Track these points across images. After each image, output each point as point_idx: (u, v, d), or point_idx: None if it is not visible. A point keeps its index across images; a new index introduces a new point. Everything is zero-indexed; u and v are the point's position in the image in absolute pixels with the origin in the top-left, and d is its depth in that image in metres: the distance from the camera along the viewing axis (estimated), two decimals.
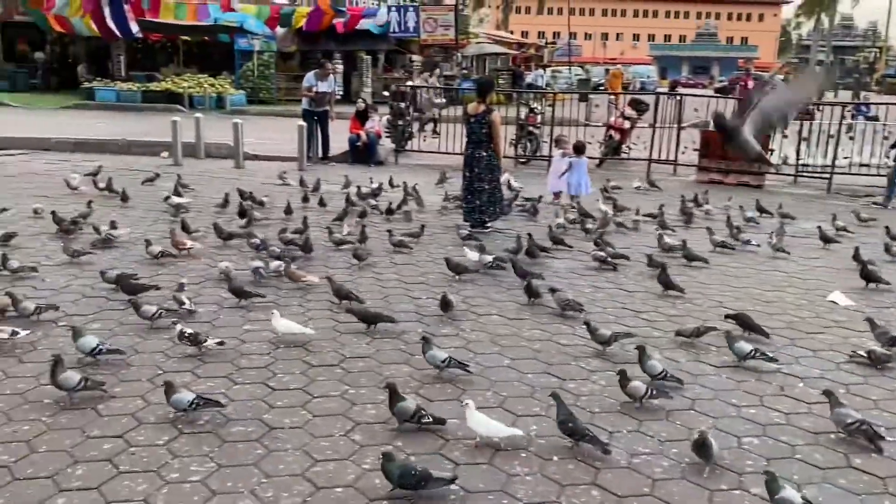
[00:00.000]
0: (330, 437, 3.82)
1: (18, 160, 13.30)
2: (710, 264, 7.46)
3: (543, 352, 5.10)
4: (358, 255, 7.04)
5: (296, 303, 5.89)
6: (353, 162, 14.13)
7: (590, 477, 3.54)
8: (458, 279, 6.66)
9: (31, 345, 4.82)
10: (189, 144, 13.75)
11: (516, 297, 6.24)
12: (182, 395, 3.89)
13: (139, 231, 7.90)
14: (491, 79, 12.06)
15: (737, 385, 4.65)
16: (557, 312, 5.86)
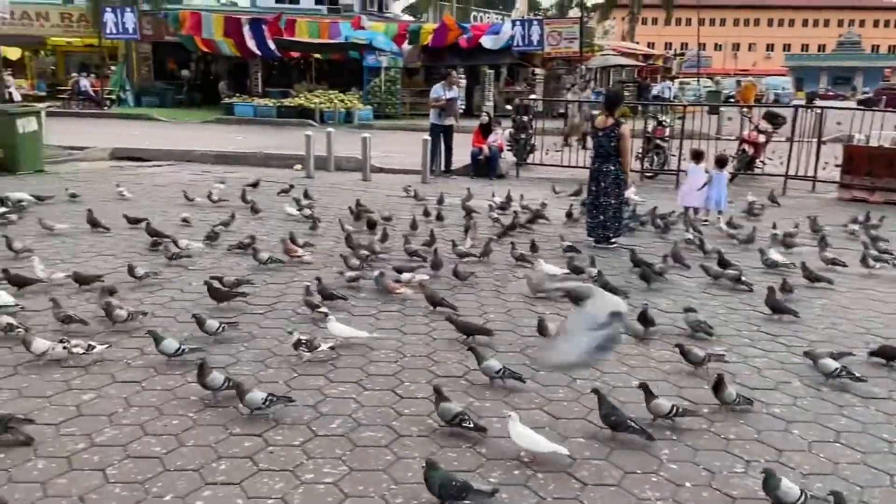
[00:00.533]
0: (457, 448, 3.85)
1: (166, 171, 14.30)
2: (836, 286, 7.00)
3: (674, 374, 4.93)
4: (458, 273, 6.91)
5: (421, 315, 5.99)
6: (474, 175, 14.25)
7: None
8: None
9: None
10: (320, 157, 14.32)
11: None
12: (254, 394, 4.04)
13: (274, 240, 8.29)
14: (619, 92, 11.85)
15: (888, 419, 4.32)
16: (688, 333, 5.66)
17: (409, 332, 5.54)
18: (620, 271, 7.43)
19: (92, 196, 10.72)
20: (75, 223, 8.72)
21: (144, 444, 3.78)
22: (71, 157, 15.16)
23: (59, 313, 5.29)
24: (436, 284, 6.62)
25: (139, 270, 6.51)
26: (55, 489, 3.37)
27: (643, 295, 6.56)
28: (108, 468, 3.54)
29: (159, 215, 9.48)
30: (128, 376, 4.61)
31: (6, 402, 4.19)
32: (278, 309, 5.99)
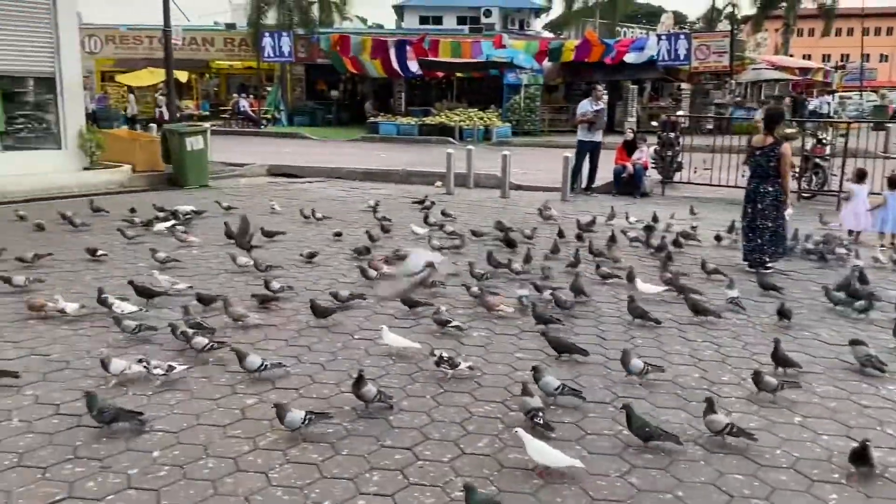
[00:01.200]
0: (606, 476, 3.76)
1: (317, 186, 15.02)
2: None
3: (841, 412, 4.58)
4: (574, 288, 6.85)
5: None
6: (616, 193, 13.97)
7: None
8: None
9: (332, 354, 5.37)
10: (460, 174, 14.54)
11: (806, 346, 5.70)
12: (294, 414, 4.06)
13: None
14: (780, 109, 11.30)
15: None
16: (856, 368, 5.24)
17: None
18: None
19: (246, 209, 11.44)
20: (219, 236, 9.26)
21: (302, 450, 3.95)
22: (232, 173, 16.26)
23: (189, 320, 5.67)
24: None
25: (274, 284, 6.81)
26: (224, 488, 3.59)
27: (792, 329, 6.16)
28: (270, 471, 3.73)
29: (311, 231, 9.97)
30: (285, 383, 4.85)
31: (181, 402, 4.52)
32: (423, 324, 6.10)
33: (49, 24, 13.17)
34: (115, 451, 3.89)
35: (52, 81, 13.41)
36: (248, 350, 5.03)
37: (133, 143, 15.05)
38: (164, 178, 14.39)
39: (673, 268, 7.77)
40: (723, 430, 4.07)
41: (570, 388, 4.62)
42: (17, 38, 12.90)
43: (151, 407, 4.43)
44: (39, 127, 13.64)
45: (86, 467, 3.73)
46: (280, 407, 4.09)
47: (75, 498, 3.47)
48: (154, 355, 5.08)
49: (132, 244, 8.86)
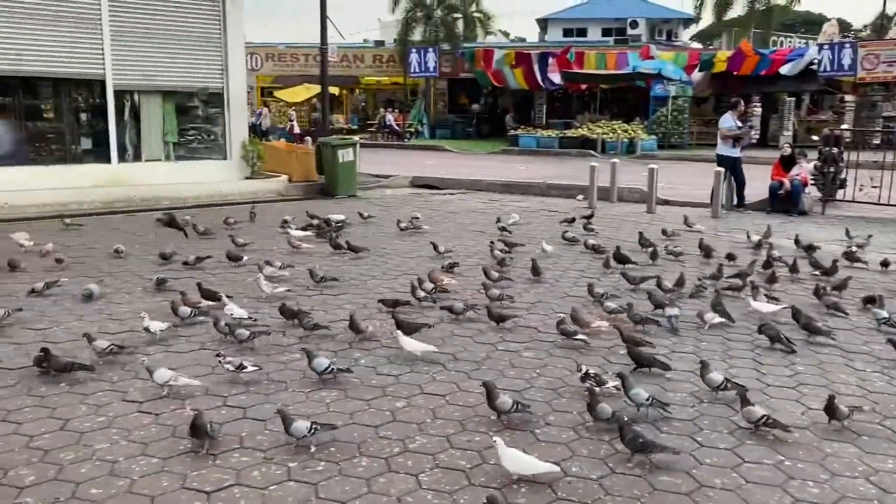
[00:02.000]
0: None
1: (458, 198, 15.26)
2: None
3: None
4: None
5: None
6: (771, 211, 13.22)
7: None
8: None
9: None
10: (603, 188, 14.29)
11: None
12: (299, 423, 4.04)
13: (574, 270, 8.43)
14: None
15: None
16: None
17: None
18: None
19: (386, 219, 11.82)
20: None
21: (451, 455, 4.02)
22: (378, 184, 16.86)
23: (308, 322, 5.93)
24: None
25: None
26: (377, 486, 3.71)
27: None
28: (420, 474, 3.82)
29: (453, 240, 10.14)
30: (433, 388, 4.95)
31: (336, 401, 4.73)
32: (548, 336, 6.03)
33: (219, 44, 14.28)
34: (276, 444, 4.12)
35: (220, 97, 14.52)
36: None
37: (290, 154, 15.96)
38: (317, 188, 15.15)
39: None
40: (758, 420, 4.27)
41: (658, 400, 4.54)
42: (191, 58, 14.08)
43: (308, 404, 4.67)
44: (208, 139, 14.80)
45: (251, 457, 3.98)
46: (284, 415, 4.11)
47: (242, 485, 3.70)
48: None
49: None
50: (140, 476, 3.76)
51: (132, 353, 5.44)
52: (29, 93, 12.95)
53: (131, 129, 13.80)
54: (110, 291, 7.24)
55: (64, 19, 12.60)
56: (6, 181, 12.01)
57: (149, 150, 14.03)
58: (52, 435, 4.22)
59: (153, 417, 4.46)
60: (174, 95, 14.20)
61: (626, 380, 4.61)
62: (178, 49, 13.86)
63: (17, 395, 4.79)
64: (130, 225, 11.30)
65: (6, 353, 5.51)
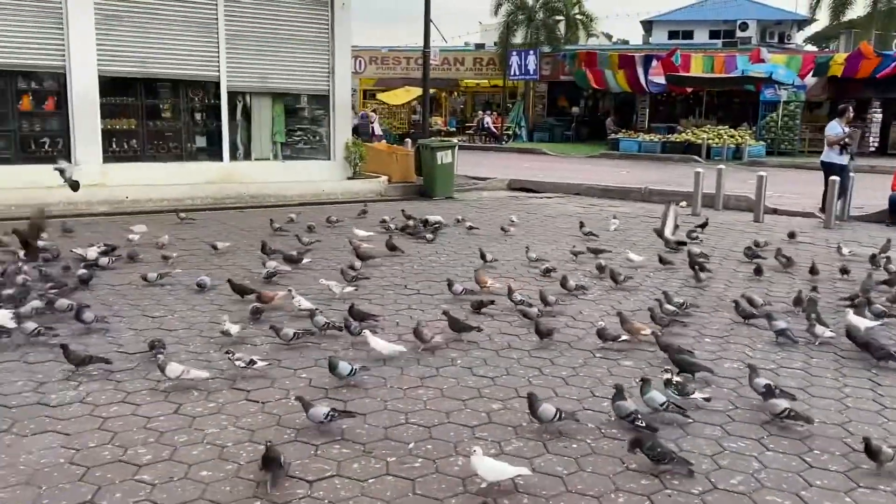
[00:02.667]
0: None
1: (555, 202, 15.13)
2: None
3: None
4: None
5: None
6: (891, 223, 12.46)
7: None
8: None
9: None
10: (708, 195, 13.85)
11: None
12: (317, 408, 4.27)
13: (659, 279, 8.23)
14: None
15: None
16: None
17: (817, 395, 5.02)
18: None
19: (483, 222, 11.84)
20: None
21: (548, 461, 4.00)
22: (475, 187, 16.94)
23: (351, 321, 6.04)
24: None
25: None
26: (472, 486, 3.73)
27: None
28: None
29: (549, 244, 10.07)
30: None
31: (433, 400, 4.79)
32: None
33: (327, 48, 14.72)
34: (375, 438, 4.22)
35: (326, 99, 14.97)
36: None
37: (391, 156, 16.28)
38: (415, 189, 15.38)
39: None
40: (781, 413, 4.40)
41: (675, 404, 4.48)
42: (300, 61, 14.59)
43: (406, 401, 4.75)
44: (314, 140, 15.28)
45: (351, 450, 4.09)
46: (303, 401, 4.35)
47: (342, 476, 3.81)
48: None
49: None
50: (247, 461, 3.93)
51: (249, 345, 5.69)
52: (150, 93, 13.73)
53: (242, 129, 14.43)
54: (218, 283, 7.57)
55: (184, 24, 13.32)
56: (128, 177, 12.82)
57: (258, 149, 14.64)
58: (167, 417, 4.48)
59: (259, 406, 4.65)
60: (283, 97, 14.75)
61: (646, 383, 4.54)
62: (287, 53, 14.39)
63: (136, 377, 5.10)
64: (240, 220, 11.81)
65: (126, 339, 5.88)
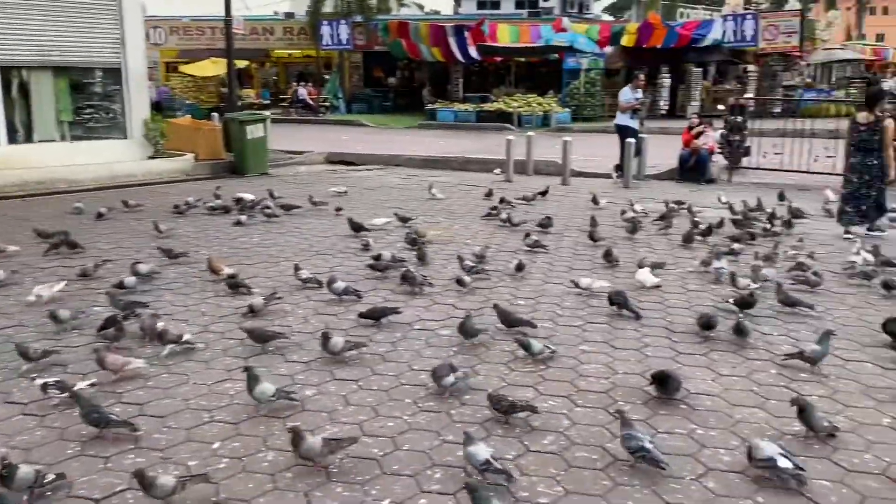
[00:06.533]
0: (680, 479, 3.57)
1: (376, 174, 15.00)
2: None
3: None
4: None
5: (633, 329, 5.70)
6: (680, 179, 13.55)
7: None
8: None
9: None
10: (519, 162, 14.31)
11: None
12: (264, 386, 4.19)
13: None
14: (881, 88, 11.65)
15: None
16: None
17: (620, 347, 5.28)
18: None
19: (299, 196, 11.48)
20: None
21: (363, 444, 3.87)
22: (291, 161, 16.39)
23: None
24: None
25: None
26: (283, 482, 3.53)
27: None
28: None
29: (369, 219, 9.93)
30: (345, 374, 4.78)
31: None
32: (484, 314, 5.95)
33: (115, 15, 13.44)
34: (176, 442, 3.88)
35: (118, 72, 13.70)
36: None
37: (196, 132, 15.28)
38: (226, 167, 14.58)
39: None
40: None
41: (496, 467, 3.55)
42: (83, 31, 13.20)
43: (211, 398, 4.42)
44: (106, 117, 13.94)
45: (147, 458, 3.72)
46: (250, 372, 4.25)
47: (136, 489, 3.45)
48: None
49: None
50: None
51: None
52: None
53: (21, 109, 12.86)
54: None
55: None
56: None
57: (42, 130, 13.12)
58: None
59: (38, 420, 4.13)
60: (68, 71, 13.30)
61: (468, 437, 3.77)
62: (68, 22, 12.95)
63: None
64: (25, 210, 10.59)
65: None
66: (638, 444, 3.61)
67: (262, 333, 5.22)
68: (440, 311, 6.04)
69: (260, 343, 5.18)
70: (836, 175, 12.30)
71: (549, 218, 9.31)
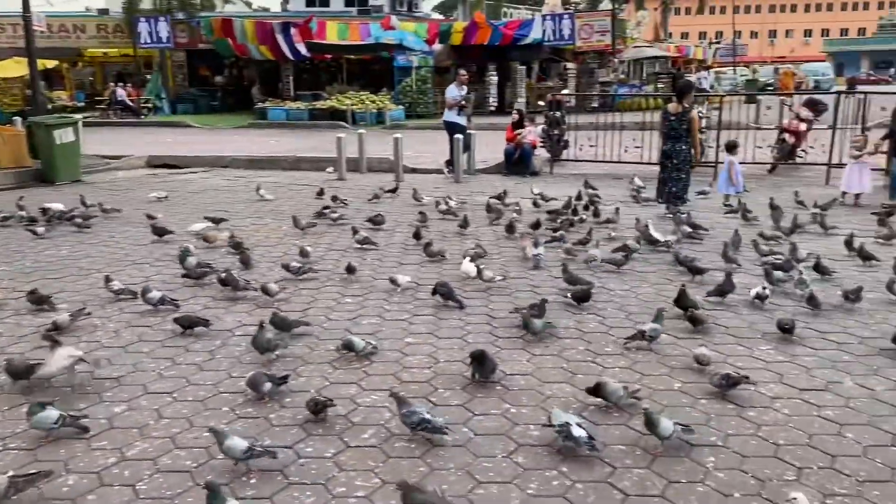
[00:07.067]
0: (492, 458, 3.73)
1: (200, 177, 14.40)
2: None
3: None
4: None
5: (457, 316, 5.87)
6: (508, 173, 14.10)
7: None
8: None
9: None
10: (352, 159, 14.29)
11: None
12: (47, 413, 3.86)
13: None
14: (689, 82, 12.55)
15: None
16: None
17: (444, 337, 5.43)
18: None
19: (124, 202, 10.84)
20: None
21: (175, 457, 3.72)
22: (107, 167, 15.37)
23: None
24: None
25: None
26: None
27: None
28: (138, 483, 3.49)
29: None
30: (157, 387, 4.58)
31: None
32: (310, 315, 5.92)
33: None
34: None
35: None
36: None
37: None
38: (31, 175, 13.42)
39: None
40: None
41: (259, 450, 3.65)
42: None
43: None
44: None
45: None
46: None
47: None
48: None
49: None
50: None
51: None
52: None
53: None
54: None
55: None
56: None
57: None
58: None
59: None
60: None
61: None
62: None
63: None
64: None
65: None
66: (419, 418, 3.79)
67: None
68: (262, 316, 5.91)
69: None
70: (644, 164, 13.40)
71: (380, 215, 9.38)
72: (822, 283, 6.56)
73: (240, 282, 6.41)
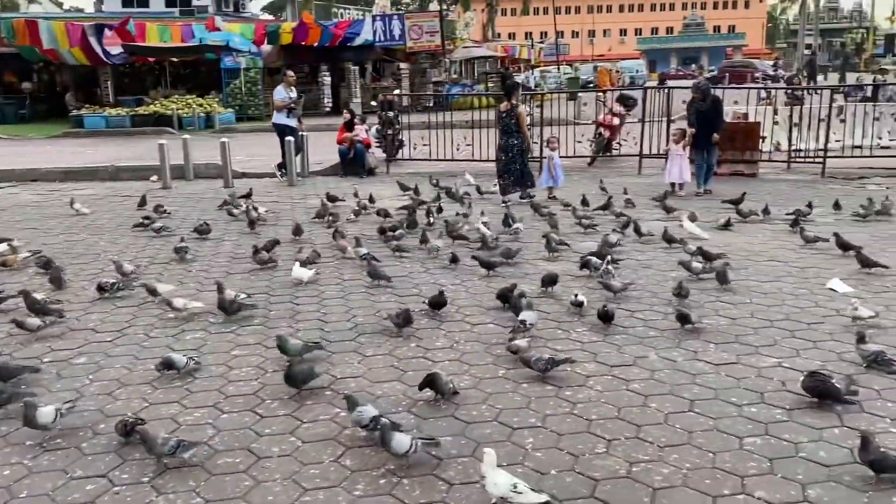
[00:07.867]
0: (319, 463, 3.71)
1: (7, 192, 13.20)
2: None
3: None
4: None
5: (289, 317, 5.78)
6: (344, 174, 14.03)
7: (588, 490, 3.44)
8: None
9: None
10: (178, 166, 13.66)
11: None
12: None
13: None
14: (515, 81, 13.53)
15: (736, 383, 4.55)
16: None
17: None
18: None
19: None
20: None
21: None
22: None
23: None
24: None
25: None
26: None
27: None
28: None
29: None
30: None
31: None
32: (129, 334, 5.61)
33: None
34: None
35: None
36: None
37: None
38: None
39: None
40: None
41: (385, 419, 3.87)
42: None
43: None
44: None
45: None
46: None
47: None
48: None
49: None
50: None
51: None
52: None
53: None
54: None
55: None
56: None
57: None
58: None
59: None
60: None
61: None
62: None
63: None
64: None
65: None
66: (370, 416, 3.88)
67: None
68: (78, 338, 5.53)
69: None
70: (475, 161, 13.83)
71: (206, 223, 9.04)
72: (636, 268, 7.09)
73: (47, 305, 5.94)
